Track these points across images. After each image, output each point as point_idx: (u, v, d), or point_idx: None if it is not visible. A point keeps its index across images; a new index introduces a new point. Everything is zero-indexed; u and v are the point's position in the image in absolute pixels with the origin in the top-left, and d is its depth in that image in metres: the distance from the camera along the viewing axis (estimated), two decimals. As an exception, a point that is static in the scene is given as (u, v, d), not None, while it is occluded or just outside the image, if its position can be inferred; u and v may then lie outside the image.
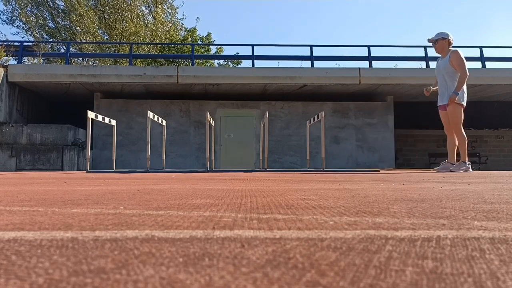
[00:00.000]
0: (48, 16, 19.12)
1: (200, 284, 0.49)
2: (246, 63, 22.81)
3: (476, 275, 0.53)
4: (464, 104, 5.58)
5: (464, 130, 5.58)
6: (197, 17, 32.80)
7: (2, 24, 28.16)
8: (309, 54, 11.69)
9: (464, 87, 5.61)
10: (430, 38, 5.81)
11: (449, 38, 5.65)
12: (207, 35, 22.12)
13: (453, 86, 5.54)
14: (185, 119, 11.76)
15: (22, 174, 5.79)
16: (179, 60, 18.08)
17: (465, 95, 5.61)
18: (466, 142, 5.61)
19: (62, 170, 9.78)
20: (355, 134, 11.96)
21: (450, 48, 5.65)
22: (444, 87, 5.64)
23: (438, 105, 5.81)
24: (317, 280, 0.51)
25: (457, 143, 5.62)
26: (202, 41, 21.60)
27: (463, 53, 5.68)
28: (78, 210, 1.21)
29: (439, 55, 5.89)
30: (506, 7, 54.40)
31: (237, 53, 17.12)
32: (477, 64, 11.76)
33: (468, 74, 5.54)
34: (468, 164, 5.65)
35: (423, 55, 11.79)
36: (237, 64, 20.40)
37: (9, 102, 10.53)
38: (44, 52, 12.93)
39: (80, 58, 18.07)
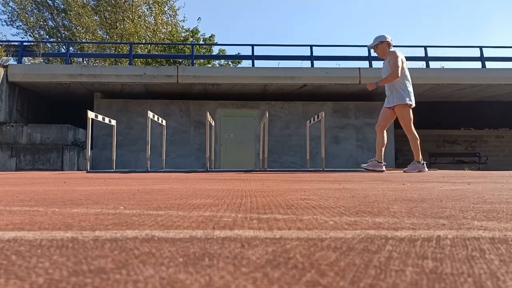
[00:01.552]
0: (48, 15, 19.12)
1: (200, 284, 0.49)
2: (246, 63, 22.82)
3: (476, 275, 0.53)
4: (412, 103, 5.54)
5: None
6: (199, 18, 32.72)
7: (2, 25, 28.19)
8: (309, 54, 11.69)
9: (410, 87, 5.59)
10: (369, 45, 5.80)
11: (388, 40, 5.60)
12: (211, 36, 22.12)
13: (395, 88, 5.52)
14: (185, 119, 11.76)
15: (22, 174, 5.79)
16: (179, 60, 18.08)
17: (412, 95, 5.57)
18: (418, 142, 5.61)
19: (62, 170, 9.78)
20: (355, 134, 11.95)
21: (390, 50, 5.62)
22: (389, 90, 5.63)
23: (384, 107, 5.77)
24: (317, 280, 0.51)
25: (413, 143, 5.65)
26: (205, 42, 21.60)
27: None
28: (78, 210, 1.21)
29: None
30: (506, 7, 54.40)
31: (238, 53, 17.12)
32: (477, 64, 11.76)
33: (399, 76, 5.46)
34: (422, 163, 5.64)
35: (423, 55, 11.79)
36: (237, 64, 20.41)
37: (9, 102, 10.53)
38: (44, 52, 12.93)
39: (80, 58, 18.06)
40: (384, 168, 5.77)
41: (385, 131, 5.79)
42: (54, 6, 18.86)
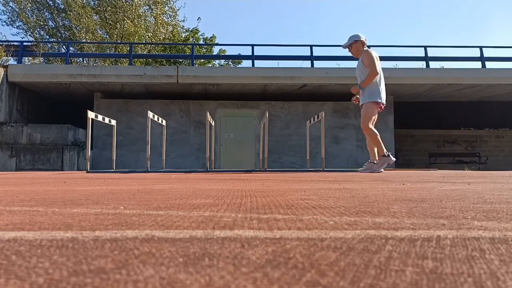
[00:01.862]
0: (48, 15, 19.12)
1: (200, 284, 0.49)
2: (246, 63, 22.82)
3: (476, 275, 0.53)
4: (379, 101, 5.52)
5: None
6: (199, 18, 32.72)
7: (2, 25, 28.17)
8: (309, 54, 11.69)
9: (382, 86, 5.59)
10: (343, 44, 5.83)
11: (361, 39, 5.62)
12: (212, 36, 22.12)
13: (370, 86, 5.53)
14: (185, 119, 11.76)
15: (22, 174, 5.79)
16: (179, 60, 18.09)
17: (382, 94, 5.56)
18: (378, 136, 5.58)
19: (62, 170, 9.78)
20: (355, 134, 11.95)
21: (364, 49, 5.62)
22: (362, 89, 5.65)
23: (360, 104, 5.77)
24: (317, 280, 0.51)
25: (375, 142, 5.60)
26: (205, 42, 21.59)
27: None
28: (78, 210, 1.21)
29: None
30: (506, 7, 54.42)
31: (238, 53, 17.12)
32: (477, 64, 11.76)
33: (378, 73, 5.47)
34: (387, 155, 5.59)
35: (423, 55, 11.79)
36: (237, 64, 20.40)
37: (9, 102, 10.53)
38: (44, 52, 12.93)
39: (80, 58, 18.07)
40: (393, 158, 5.62)
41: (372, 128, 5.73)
42: (55, 6, 18.86)
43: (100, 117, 6.74)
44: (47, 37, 19.13)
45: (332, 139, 11.76)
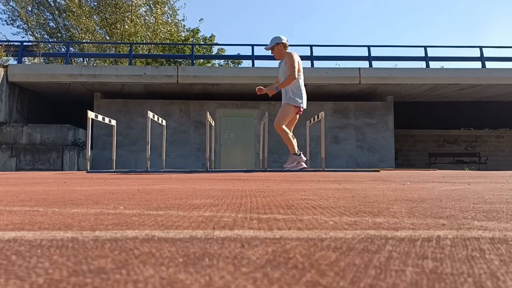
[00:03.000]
0: (49, 15, 19.13)
1: (200, 284, 0.49)
2: (246, 63, 22.81)
3: (476, 275, 0.53)
4: (298, 105, 5.54)
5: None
6: (201, 18, 32.78)
7: (2, 24, 28.18)
8: (309, 54, 11.68)
9: (302, 91, 5.61)
10: (266, 47, 5.85)
11: (283, 41, 5.62)
12: (211, 36, 22.12)
13: (290, 88, 5.55)
14: (185, 119, 11.76)
15: (22, 174, 5.79)
16: (179, 60, 18.09)
17: (301, 98, 5.58)
18: (290, 135, 5.60)
19: (62, 170, 9.78)
20: (355, 134, 11.95)
21: (287, 51, 5.62)
22: (284, 90, 5.66)
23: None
24: (317, 280, 0.51)
25: (292, 140, 5.65)
26: (205, 42, 21.60)
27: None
28: (78, 210, 1.21)
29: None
30: (506, 7, 54.39)
31: (238, 53, 17.13)
32: (477, 64, 11.76)
33: (297, 77, 5.51)
34: (299, 154, 5.64)
35: (423, 55, 11.79)
36: (237, 64, 20.40)
37: (9, 102, 10.53)
38: (44, 52, 12.93)
39: (80, 58, 18.07)
40: (304, 158, 5.73)
41: (291, 128, 5.80)
42: (55, 6, 18.86)
43: (100, 117, 6.74)
44: (47, 37, 19.14)
45: (332, 139, 11.76)
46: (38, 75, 10.52)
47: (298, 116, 5.84)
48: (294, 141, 5.70)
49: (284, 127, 5.57)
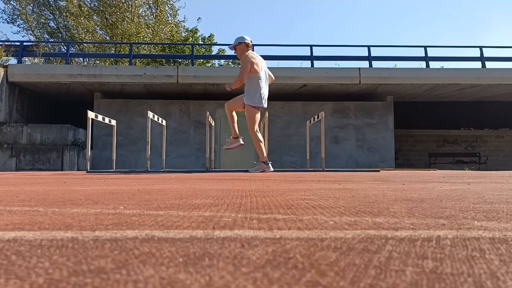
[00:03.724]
0: (50, 15, 19.14)
1: (200, 284, 0.49)
2: (246, 63, 22.75)
3: (476, 275, 0.53)
4: (258, 105, 5.56)
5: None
6: (199, 18, 32.83)
7: (3, 23, 28.20)
8: (309, 54, 11.68)
9: (263, 90, 5.60)
10: (230, 46, 5.91)
11: (245, 41, 5.65)
12: (210, 36, 22.12)
13: (247, 88, 5.59)
14: (185, 119, 11.76)
15: (22, 174, 5.79)
16: (179, 60, 18.08)
17: (262, 97, 5.59)
18: (262, 144, 5.66)
19: (62, 170, 9.78)
20: (355, 134, 11.95)
21: (245, 52, 5.64)
22: (246, 87, 5.69)
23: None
24: (317, 280, 0.51)
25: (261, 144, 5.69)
26: (204, 42, 21.59)
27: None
28: (78, 210, 1.21)
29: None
30: (506, 7, 54.40)
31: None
32: (477, 64, 11.76)
33: (243, 82, 5.54)
34: (267, 163, 5.69)
35: (423, 55, 11.79)
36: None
37: (9, 102, 10.53)
38: (44, 52, 12.92)
39: (80, 58, 18.07)
40: (271, 168, 5.78)
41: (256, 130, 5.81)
42: (56, 6, 18.87)
43: (100, 117, 6.74)
44: (47, 37, 19.14)
45: (332, 139, 11.75)
46: (38, 75, 10.52)
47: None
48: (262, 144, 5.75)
49: (257, 132, 5.63)
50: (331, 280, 0.50)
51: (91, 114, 6.41)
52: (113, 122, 7.50)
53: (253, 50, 5.84)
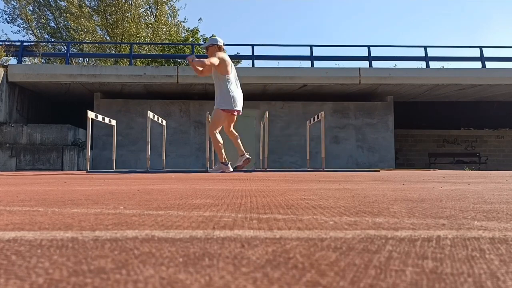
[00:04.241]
0: (50, 16, 19.14)
1: (200, 284, 0.49)
2: (246, 63, 22.82)
3: (476, 275, 0.53)
4: (228, 108, 5.55)
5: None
6: (200, 18, 32.82)
7: (3, 22, 28.21)
8: (309, 54, 11.68)
9: (234, 93, 5.61)
10: (202, 46, 5.99)
11: (218, 44, 5.72)
12: (211, 36, 22.13)
13: (218, 91, 5.61)
14: (185, 119, 11.76)
15: (22, 174, 5.79)
16: (179, 60, 18.07)
17: (233, 101, 5.58)
18: (221, 144, 5.70)
19: (62, 170, 9.78)
20: (355, 134, 11.95)
21: (216, 53, 5.67)
22: (216, 92, 5.72)
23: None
24: (317, 280, 0.51)
25: (236, 141, 5.76)
26: (205, 42, 21.60)
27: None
28: (78, 210, 1.21)
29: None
30: (506, 7, 54.41)
31: (238, 53, 17.12)
32: (477, 64, 11.76)
33: (207, 64, 5.47)
34: (226, 164, 5.74)
35: (423, 55, 11.79)
36: (237, 64, 20.40)
37: (9, 102, 10.53)
38: (44, 52, 12.92)
39: (81, 58, 18.07)
40: (231, 169, 5.81)
41: (232, 130, 5.87)
42: (56, 6, 18.88)
43: (100, 117, 6.74)
44: (47, 37, 19.14)
45: (332, 139, 11.75)
46: (38, 75, 10.51)
47: (235, 117, 5.87)
48: (239, 141, 5.81)
49: (216, 134, 5.63)
50: (331, 280, 0.50)
51: (91, 114, 6.41)
52: (113, 122, 7.50)
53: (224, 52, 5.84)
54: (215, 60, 5.44)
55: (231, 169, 5.82)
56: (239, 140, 5.81)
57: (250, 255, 0.63)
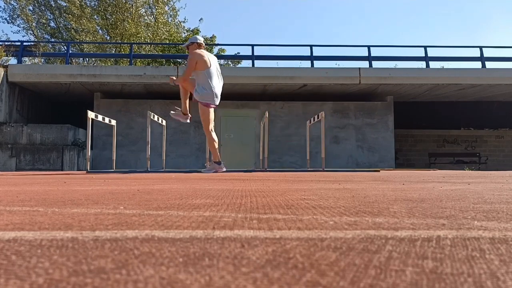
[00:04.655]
0: (50, 16, 19.14)
1: (200, 284, 0.49)
2: (246, 63, 22.80)
3: (476, 275, 0.53)
4: (208, 103, 5.55)
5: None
6: (201, 18, 32.85)
7: (3, 22, 28.22)
8: (309, 54, 11.68)
9: (215, 88, 5.59)
10: (183, 45, 6.05)
11: (197, 42, 5.74)
12: (212, 36, 22.12)
13: (197, 85, 5.60)
14: (185, 119, 11.75)
15: (22, 174, 5.79)
16: (179, 60, 18.07)
17: (214, 95, 5.58)
18: (216, 143, 5.66)
19: (62, 170, 9.78)
20: (355, 134, 11.95)
21: (193, 51, 5.67)
22: (198, 85, 5.70)
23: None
24: (317, 280, 0.51)
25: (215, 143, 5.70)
26: (205, 42, 21.60)
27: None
28: (78, 210, 1.21)
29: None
30: (506, 7, 54.40)
31: (238, 53, 17.12)
32: (477, 64, 11.76)
33: (187, 79, 5.57)
34: (219, 163, 5.71)
35: (423, 55, 11.79)
36: (237, 64, 20.40)
37: (9, 102, 10.53)
38: (44, 52, 12.92)
39: (81, 58, 18.07)
40: (224, 168, 5.82)
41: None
42: (56, 6, 18.87)
43: (100, 117, 6.74)
44: (47, 37, 19.14)
45: (332, 139, 11.76)
46: (38, 75, 10.51)
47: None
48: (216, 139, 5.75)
49: (212, 131, 5.63)
50: (331, 280, 0.50)
51: (91, 114, 6.41)
52: (113, 122, 7.50)
53: (205, 50, 5.86)
54: (189, 70, 5.53)
55: (225, 169, 5.83)
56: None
57: (250, 255, 0.63)
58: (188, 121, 6.13)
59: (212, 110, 5.61)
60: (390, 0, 53.88)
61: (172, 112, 6.15)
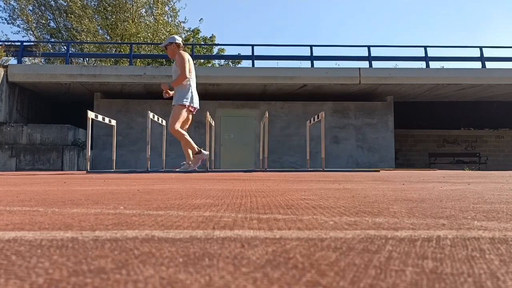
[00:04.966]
0: (50, 16, 19.13)
1: (200, 284, 0.49)
2: (246, 63, 22.81)
3: (476, 275, 0.53)
4: (187, 104, 5.58)
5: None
6: (201, 18, 32.88)
7: (3, 23, 28.21)
8: (309, 54, 11.68)
9: (192, 91, 5.64)
10: (161, 45, 6.00)
11: (177, 42, 5.74)
12: (211, 36, 22.14)
13: (178, 89, 5.62)
14: (185, 119, 11.74)
15: (22, 174, 5.79)
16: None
17: (193, 98, 5.63)
18: (186, 136, 5.65)
19: (62, 170, 9.78)
20: (355, 134, 11.95)
21: (178, 51, 5.69)
22: (175, 89, 5.72)
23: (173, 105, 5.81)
24: (317, 280, 0.51)
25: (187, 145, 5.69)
26: (205, 42, 21.61)
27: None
28: (78, 210, 1.21)
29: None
30: (506, 7, 54.39)
31: (238, 53, 17.12)
32: (477, 64, 11.76)
33: (187, 77, 5.58)
34: (199, 151, 5.75)
35: (423, 55, 11.79)
36: (237, 64, 20.41)
37: (9, 102, 10.53)
38: (44, 52, 12.92)
39: (81, 58, 18.07)
40: (206, 151, 5.88)
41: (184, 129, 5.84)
42: (56, 6, 18.86)
43: (100, 117, 6.74)
44: (47, 37, 19.13)
45: (332, 139, 11.76)
46: (38, 75, 10.51)
47: (191, 116, 5.90)
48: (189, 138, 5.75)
49: (179, 128, 5.61)
50: (331, 280, 0.50)
51: (91, 114, 6.41)
52: (113, 122, 7.50)
53: (184, 51, 5.87)
54: (186, 68, 5.54)
55: (207, 152, 5.84)
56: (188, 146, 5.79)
57: (250, 255, 0.63)
58: (207, 153, 6.00)
59: (185, 111, 5.61)
60: (390, 0, 53.86)
61: (191, 166, 5.91)
